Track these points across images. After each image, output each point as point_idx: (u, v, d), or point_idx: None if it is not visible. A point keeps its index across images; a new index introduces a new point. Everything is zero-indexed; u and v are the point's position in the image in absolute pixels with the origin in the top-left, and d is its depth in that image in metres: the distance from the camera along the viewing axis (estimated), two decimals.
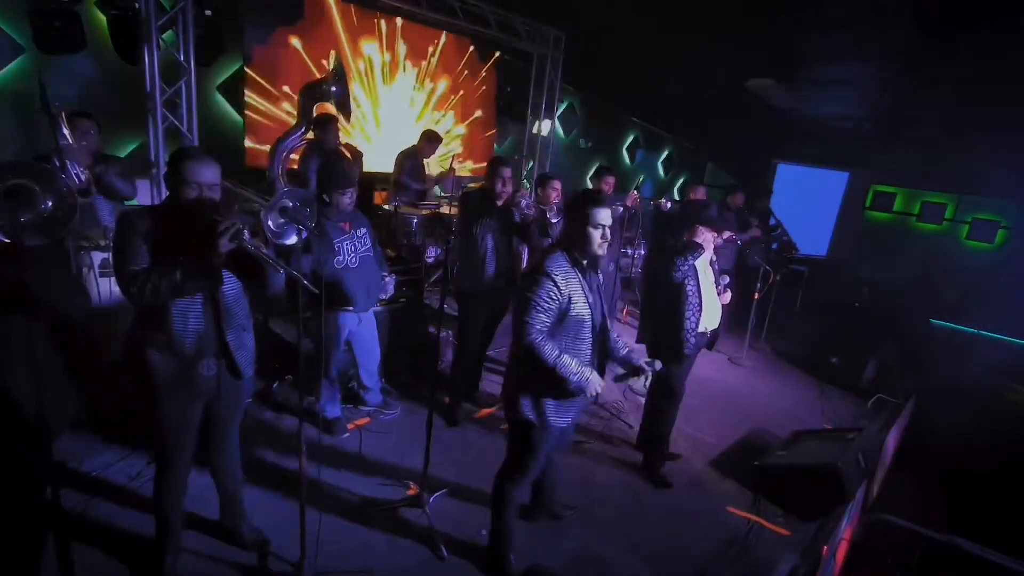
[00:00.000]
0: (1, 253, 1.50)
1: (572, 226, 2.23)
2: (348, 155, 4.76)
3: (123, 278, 1.84)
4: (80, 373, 2.90)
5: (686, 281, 3.10)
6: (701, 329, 3.21)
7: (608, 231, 2.20)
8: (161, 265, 1.84)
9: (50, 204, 1.56)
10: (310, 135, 4.47)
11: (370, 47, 6.06)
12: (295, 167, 4.64)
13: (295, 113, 4.79)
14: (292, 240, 2.10)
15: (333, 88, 4.37)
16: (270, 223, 2.02)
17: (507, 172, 3.46)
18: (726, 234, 3.69)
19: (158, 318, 1.94)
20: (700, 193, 5.51)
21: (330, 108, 4.62)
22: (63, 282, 1.82)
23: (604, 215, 2.18)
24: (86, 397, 3.00)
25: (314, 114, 4.43)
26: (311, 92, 4.42)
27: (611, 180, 4.91)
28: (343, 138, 4.92)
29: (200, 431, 2.20)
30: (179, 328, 1.96)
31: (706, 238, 3.17)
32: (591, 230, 2.16)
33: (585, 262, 2.23)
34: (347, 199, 3.07)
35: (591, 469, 3.50)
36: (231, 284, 2.05)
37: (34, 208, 1.53)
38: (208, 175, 1.94)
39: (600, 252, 2.22)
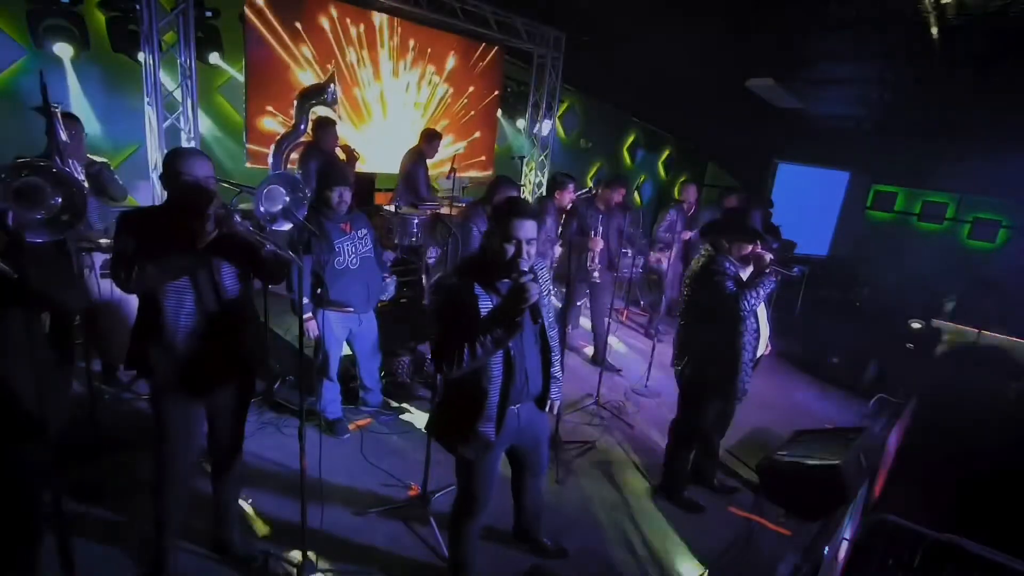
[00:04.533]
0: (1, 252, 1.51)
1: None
2: (344, 156, 4.78)
3: (113, 266, 1.91)
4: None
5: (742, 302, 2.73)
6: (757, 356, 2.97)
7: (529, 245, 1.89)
8: (148, 249, 1.88)
9: (59, 200, 1.59)
10: (307, 137, 4.52)
11: (370, 48, 6.06)
12: (293, 166, 4.67)
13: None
14: (285, 227, 2.16)
15: (330, 91, 4.44)
16: (261, 208, 2.08)
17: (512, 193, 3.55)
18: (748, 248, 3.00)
19: (154, 315, 1.97)
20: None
21: (327, 112, 4.66)
22: (60, 277, 1.83)
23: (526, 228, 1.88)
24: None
25: (311, 117, 4.50)
26: (307, 96, 4.50)
27: (622, 191, 4.81)
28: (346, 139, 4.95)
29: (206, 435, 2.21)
30: (171, 323, 1.97)
31: (744, 249, 2.88)
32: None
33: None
34: (335, 197, 3.07)
35: (592, 469, 3.50)
36: (231, 281, 2.06)
37: (44, 204, 1.56)
38: (202, 169, 1.97)
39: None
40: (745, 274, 2.90)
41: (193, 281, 1.98)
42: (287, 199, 2.15)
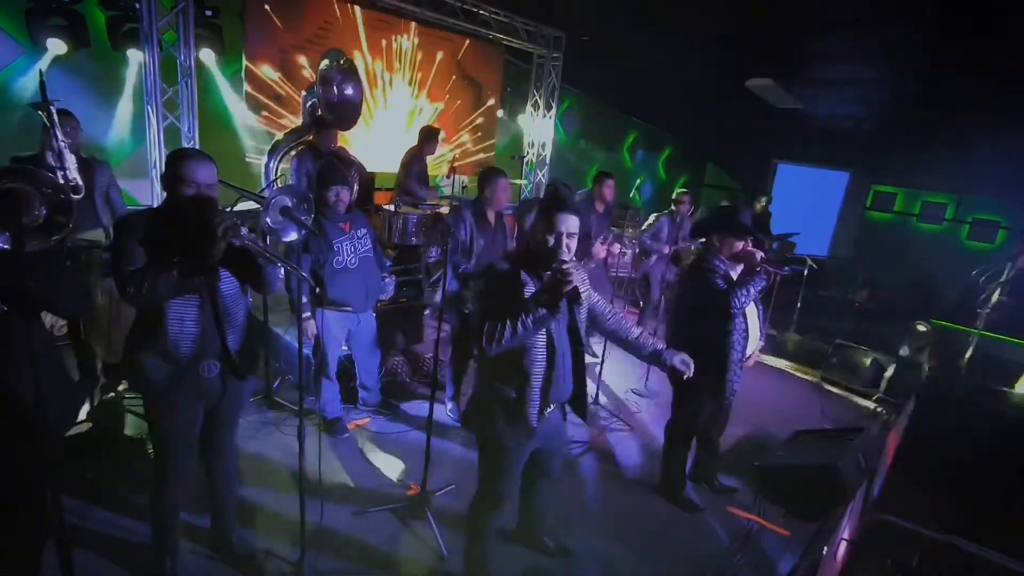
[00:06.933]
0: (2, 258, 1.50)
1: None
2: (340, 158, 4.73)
3: (120, 279, 1.83)
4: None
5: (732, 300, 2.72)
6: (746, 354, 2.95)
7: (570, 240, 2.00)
8: (158, 264, 1.82)
9: (44, 211, 1.56)
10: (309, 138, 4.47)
11: (371, 48, 6.06)
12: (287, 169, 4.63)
13: (296, 113, 4.80)
14: (292, 236, 2.13)
15: (342, 83, 4.23)
16: (268, 220, 2.05)
17: (503, 182, 3.47)
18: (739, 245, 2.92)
19: (154, 322, 1.92)
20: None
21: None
22: (66, 282, 1.80)
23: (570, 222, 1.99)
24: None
25: (311, 118, 4.41)
26: (306, 97, 4.41)
27: (611, 182, 4.81)
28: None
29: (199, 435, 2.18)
30: (175, 331, 1.93)
31: (735, 247, 2.85)
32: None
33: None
34: (332, 196, 3.06)
35: (591, 469, 3.50)
36: (229, 284, 2.04)
37: (30, 213, 1.53)
38: (205, 174, 1.92)
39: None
40: (735, 272, 2.89)
41: (197, 290, 1.95)
42: (289, 203, 2.14)
